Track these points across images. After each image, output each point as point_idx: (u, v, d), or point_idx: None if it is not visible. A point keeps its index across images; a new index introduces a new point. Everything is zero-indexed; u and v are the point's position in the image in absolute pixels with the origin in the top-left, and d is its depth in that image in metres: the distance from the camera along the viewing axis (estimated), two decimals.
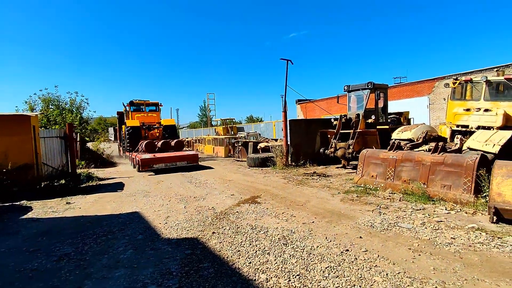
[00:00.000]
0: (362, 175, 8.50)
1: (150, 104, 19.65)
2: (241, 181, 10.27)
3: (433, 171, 6.92)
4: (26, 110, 21.92)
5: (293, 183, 9.23)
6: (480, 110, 8.80)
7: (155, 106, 19.77)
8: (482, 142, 7.56)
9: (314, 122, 15.46)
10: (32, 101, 22.52)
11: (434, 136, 9.19)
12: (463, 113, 9.19)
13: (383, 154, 8.12)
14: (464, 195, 6.26)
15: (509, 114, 8.48)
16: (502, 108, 8.56)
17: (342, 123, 13.16)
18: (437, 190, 6.72)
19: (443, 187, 6.67)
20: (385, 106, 13.57)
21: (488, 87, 9.05)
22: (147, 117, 18.96)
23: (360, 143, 12.44)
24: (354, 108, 13.57)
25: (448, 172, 6.65)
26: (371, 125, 12.64)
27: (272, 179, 10.24)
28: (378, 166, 8.17)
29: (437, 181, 6.82)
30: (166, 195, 8.41)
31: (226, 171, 13.19)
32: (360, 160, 8.66)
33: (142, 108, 19.34)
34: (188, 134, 43.28)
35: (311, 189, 8.28)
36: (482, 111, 8.74)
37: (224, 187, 9.18)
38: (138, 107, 19.25)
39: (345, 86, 13.54)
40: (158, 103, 20.00)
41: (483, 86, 9.06)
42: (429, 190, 6.81)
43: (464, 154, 7.37)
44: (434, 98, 24.03)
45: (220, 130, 27.17)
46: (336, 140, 12.91)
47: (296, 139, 14.20)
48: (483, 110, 8.72)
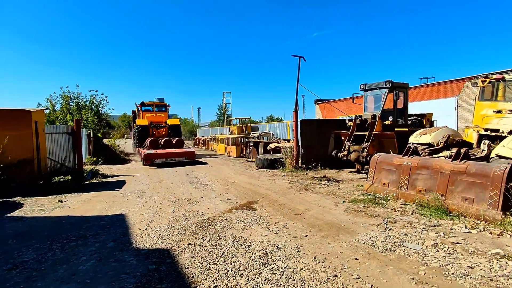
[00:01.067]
0: (373, 182, 7.69)
1: (160, 105, 21.34)
2: (244, 183, 9.72)
3: (453, 181, 6.02)
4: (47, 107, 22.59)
5: (297, 188, 8.55)
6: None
7: (163, 107, 21.41)
8: None
9: (327, 123, 14.62)
10: (52, 99, 23.19)
11: (457, 141, 8.18)
12: (493, 116, 8.13)
13: (397, 159, 7.27)
14: (490, 211, 5.34)
15: None
16: None
17: (357, 124, 12.27)
18: (457, 203, 5.82)
19: (464, 200, 5.77)
20: (405, 107, 12.51)
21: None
22: (156, 117, 20.57)
23: (376, 146, 11.52)
24: (371, 108, 12.63)
25: (471, 183, 5.74)
26: (389, 127, 11.67)
27: (277, 183, 9.60)
28: (391, 172, 7.33)
29: (457, 192, 5.91)
30: (161, 196, 8.02)
31: (232, 172, 12.69)
32: (371, 166, 7.84)
33: (151, 108, 20.99)
34: (205, 132, 43.33)
35: (315, 195, 7.57)
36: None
37: (224, 190, 8.67)
38: (148, 108, 20.89)
39: (361, 85, 12.63)
40: (166, 104, 21.65)
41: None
42: (447, 203, 5.93)
43: (491, 163, 6.39)
44: (463, 100, 22.30)
45: (234, 129, 26.78)
46: (349, 142, 12.05)
47: (307, 141, 13.45)
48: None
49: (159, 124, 20.27)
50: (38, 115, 9.75)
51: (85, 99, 23.73)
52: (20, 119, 8.73)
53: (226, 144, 22.19)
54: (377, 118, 11.65)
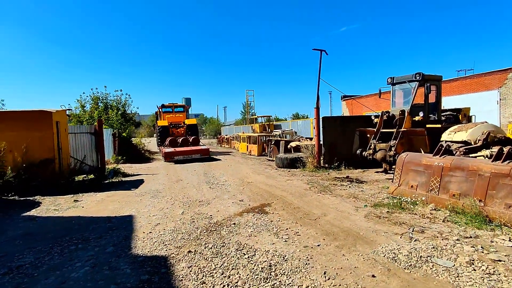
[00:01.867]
0: (399, 184, 6.97)
1: (178, 106, 22.97)
2: (260, 184, 9.33)
3: (494, 185, 5.22)
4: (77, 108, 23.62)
5: (315, 190, 8.01)
6: None
7: (182, 108, 23.12)
8: None
9: (352, 120, 13.82)
10: (82, 100, 24.18)
11: (499, 138, 7.21)
12: None
13: (427, 159, 6.51)
14: None
15: None
16: None
17: (384, 121, 11.43)
18: (499, 210, 5.03)
19: (507, 207, 4.97)
20: (437, 101, 11.46)
21: None
22: (175, 118, 22.18)
23: (404, 144, 10.64)
24: (399, 103, 11.73)
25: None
26: (419, 124, 10.73)
27: (295, 183, 9.11)
28: (420, 174, 6.58)
29: (499, 198, 5.11)
30: (174, 196, 7.85)
31: (251, 171, 12.34)
32: (398, 166, 7.13)
33: (171, 109, 22.55)
34: (229, 131, 43.46)
35: (334, 198, 7.01)
36: None
37: (238, 191, 8.34)
38: (168, 109, 22.49)
39: (389, 78, 11.75)
40: (184, 105, 23.62)
41: None
42: (487, 210, 5.15)
43: None
44: (506, 92, 20.29)
45: (257, 128, 26.44)
46: (376, 140, 11.26)
47: (330, 138, 12.78)
48: None
49: (178, 124, 21.87)
50: (60, 116, 10.01)
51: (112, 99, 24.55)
52: (41, 120, 8.97)
53: (248, 143, 21.92)
54: (406, 113, 10.76)
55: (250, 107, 35.38)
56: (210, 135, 60.10)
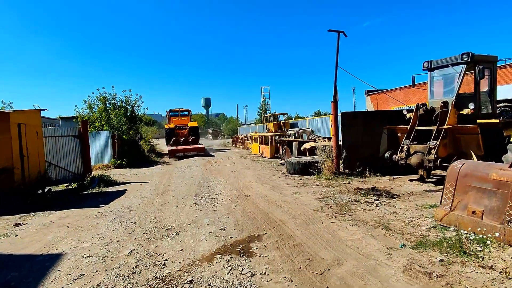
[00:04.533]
0: (452, 208, 4.72)
1: (183, 111, 26.79)
2: (260, 199, 7.33)
3: None
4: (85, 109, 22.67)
5: (329, 211, 5.89)
6: None
7: (187, 112, 26.92)
8: None
9: (377, 115, 11.47)
10: (90, 101, 23.22)
11: None
12: None
13: (500, 172, 4.23)
14: None
15: None
16: None
17: (420, 116, 9.05)
18: None
19: None
20: (492, 89, 8.89)
21: None
22: (180, 121, 25.77)
23: (449, 146, 8.25)
24: (439, 94, 9.30)
25: None
26: (468, 119, 8.28)
27: (303, 199, 7.02)
28: (488, 194, 4.31)
29: None
30: (142, 219, 6.04)
31: (255, 179, 10.36)
32: (449, 181, 4.86)
33: (177, 113, 26.31)
34: (245, 131, 41.69)
35: (354, 228, 4.86)
36: None
37: (227, 210, 6.39)
38: (175, 113, 26.33)
39: (425, 62, 9.36)
40: (189, 110, 27.21)
41: None
42: None
43: None
44: None
45: (271, 126, 24.38)
46: (409, 140, 8.91)
47: (350, 139, 10.54)
48: None
49: (182, 126, 25.17)
50: (27, 117, 8.55)
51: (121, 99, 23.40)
52: None
53: (260, 143, 19.93)
54: (450, 106, 8.34)
55: (266, 104, 33.29)
56: (228, 135, 58.58)
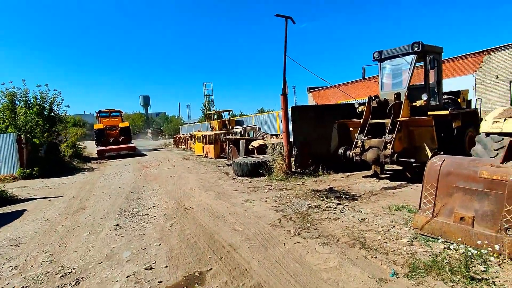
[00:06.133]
0: (435, 214, 3.95)
1: (114, 111, 25.97)
2: (203, 212, 5.91)
3: None
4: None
5: (290, 225, 4.76)
6: None
7: (118, 113, 26.20)
8: None
9: (328, 110, 10.87)
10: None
11: None
12: None
13: (489, 169, 3.54)
14: None
15: None
16: None
17: (373, 108, 8.56)
18: None
19: None
20: (438, 81, 8.80)
21: None
22: (111, 121, 25.14)
23: (404, 139, 7.84)
24: (389, 85, 8.92)
25: None
26: (419, 111, 8.00)
27: (257, 209, 5.82)
28: (477, 196, 3.61)
29: None
30: (34, 257, 4.18)
31: (197, 185, 8.86)
32: (428, 181, 4.09)
33: (107, 114, 25.50)
34: (188, 130, 39.32)
35: (327, 250, 3.78)
36: None
37: (159, 234, 4.85)
38: (105, 114, 25.47)
39: (375, 53, 8.89)
40: (119, 111, 26.60)
41: None
42: None
43: None
44: (482, 77, 18.76)
45: (215, 124, 22.87)
46: (363, 135, 8.35)
47: (302, 135, 9.71)
48: None
49: (113, 127, 24.63)
50: None
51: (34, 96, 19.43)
52: None
53: (204, 143, 18.30)
54: (403, 98, 7.95)
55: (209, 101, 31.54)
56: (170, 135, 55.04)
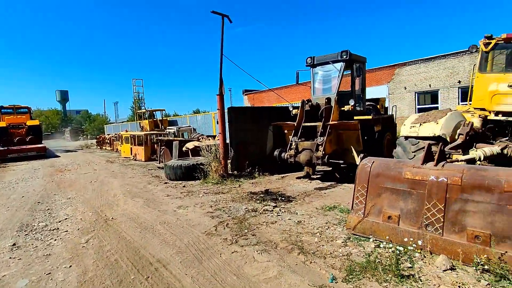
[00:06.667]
0: (366, 214, 4.12)
1: (20, 108, 22.96)
2: (128, 223, 5.21)
3: None
4: None
5: (226, 232, 4.47)
6: None
7: (26, 109, 23.26)
8: None
9: (265, 112, 10.95)
10: None
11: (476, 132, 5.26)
12: (509, 93, 5.38)
13: (412, 170, 3.81)
14: None
15: None
16: None
17: (306, 112, 8.85)
18: None
19: None
20: (363, 88, 9.58)
21: None
22: (16, 119, 22.03)
23: (334, 142, 8.25)
24: (320, 90, 9.34)
25: None
26: (347, 115, 8.54)
27: (191, 216, 5.37)
28: (402, 196, 3.85)
29: None
30: None
31: (122, 191, 7.94)
32: (360, 182, 4.26)
33: (12, 111, 22.40)
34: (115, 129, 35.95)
35: (265, 257, 3.60)
36: None
37: (71, 254, 4.05)
38: (8, 110, 22.26)
39: (308, 58, 9.23)
40: (27, 107, 23.66)
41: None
42: None
43: None
44: (393, 87, 21.41)
45: (146, 124, 21.27)
46: (297, 137, 8.55)
47: (238, 136, 9.53)
48: None
49: (18, 125, 21.77)
50: None
51: None
52: None
53: (133, 144, 16.78)
54: (333, 102, 8.38)
55: (140, 99, 29.25)
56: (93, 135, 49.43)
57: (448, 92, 18.62)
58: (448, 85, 18.54)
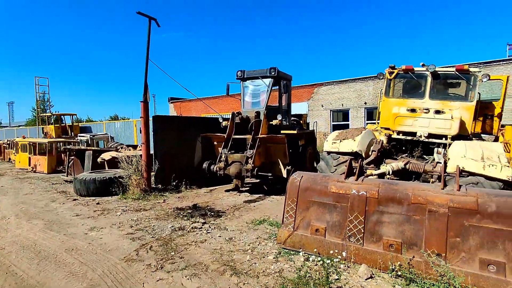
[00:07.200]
0: (296, 228, 4.21)
1: None
2: (21, 253, 4.25)
3: (458, 229, 3.28)
4: None
5: (150, 257, 4.00)
6: (429, 111, 6.10)
7: None
8: (478, 160, 4.60)
9: (193, 122, 10.55)
10: None
11: (385, 148, 5.98)
12: (408, 115, 6.33)
13: (337, 184, 4.07)
14: None
15: (463, 120, 6.08)
16: (455, 110, 6.11)
17: (236, 124, 8.85)
18: (475, 272, 3.09)
19: (486, 265, 3.09)
20: (289, 104, 10.12)
21: (434, 80, 6.55)
22: None
23: (263, 155, 8.42)
24: (250, 104, 9.50)
25: (496, 233, 3.12)
26: (275, 129, 8.85)
27: (106, 240, 4.68)
28: (327, 209, 4.07)
29: (470, 251, 3.19)
30: None
31: (15, 211, 6.53)
32: (290, 196, 4.35)
33: None
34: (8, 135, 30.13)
35: (196, 283, 3.31)
36: (432, 113, 6.04)
37: None
38: None
39: (239, 72, 9.32)
40: None
41: (428, 79, 6.49)
42: (455, 271, 3.12)
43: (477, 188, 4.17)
44: (313, 105, 23.41)
45: (52, 130, 18.35)
46: (227, 150, 8.45)
47: (164, 147, 8.92)
48: (434, 112, 6.04)
49: None
50: None
51: None
52: None
53: (31, 153, 14.18)
54: (262, 116, 8.59)
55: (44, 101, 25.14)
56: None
57: (356, 112, 21.19)
58: (357, 106, 21.10)
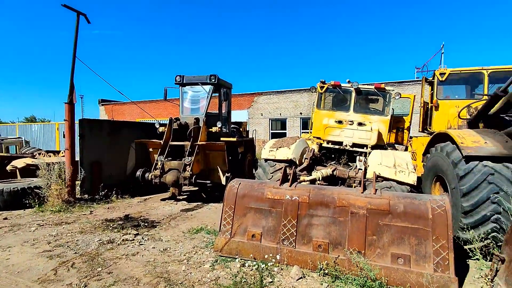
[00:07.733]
0: (233, 235, 4.26)
1: None
2: None
3: (374, 228, 3.70)
4: None
5: (72, 275, 3.60)
6: (353, 123, 6.83)
7: None
8: (391, 167, 5.28)
9: (126, 127, 9.88)
10: None
11: (315, 156, 6.43)
12: (336, 126, 6.98)
13: (272, 190, 4.25)
14: (438, 275, 3.33)
15: (380, 131, 6.96)
16: (374, 122, 6.97)
17: (174, 130, 8.61)
18: (387, 265, 3.52)
19: (395, 259, 3.54)
20: (229, 112, 10.24)
21: (357, 96, 7.37)
22: None
23: (202, 162, 8.33)
24: (189, 110, 9.36)
25: (403, 230, 3.61)
26: (214, 136, 8.85)
27: (16, 260, 4.06)
28: (264, 214, 4.21)
29: (383, 247, 3.63)
30: None
31: None
32: (228, 203, 4.39)
33: None
34: None
35: None
36: (356, 125, 6.78)
37: None
38: None
39: (177, 76, 9.14)
40: None
41: (353, 94, 7.28)
42: (373, 266, 3.51)
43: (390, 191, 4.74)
44: (253, 113, 24.04)
45: None
46: (164, 157, 8.14)
47: (92, 154, 8.18)
48: (357, 124, 6.79)
49: None
50: None
51: None
52: None
53: None
54: (201, 123, 8.52)
55: None
56: None
57: (293, 121, 22.41)
58: (293, 115, 22.31)
